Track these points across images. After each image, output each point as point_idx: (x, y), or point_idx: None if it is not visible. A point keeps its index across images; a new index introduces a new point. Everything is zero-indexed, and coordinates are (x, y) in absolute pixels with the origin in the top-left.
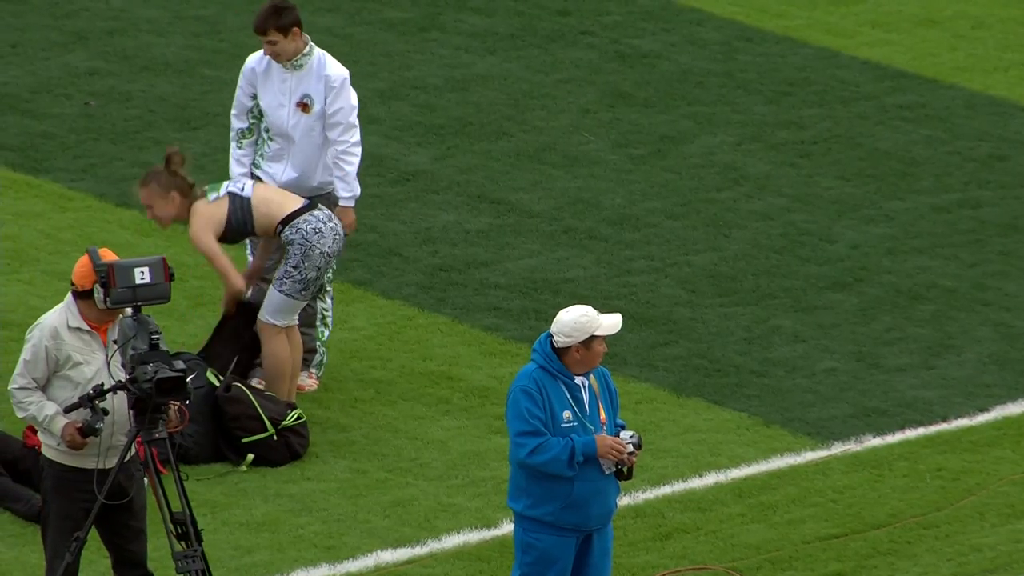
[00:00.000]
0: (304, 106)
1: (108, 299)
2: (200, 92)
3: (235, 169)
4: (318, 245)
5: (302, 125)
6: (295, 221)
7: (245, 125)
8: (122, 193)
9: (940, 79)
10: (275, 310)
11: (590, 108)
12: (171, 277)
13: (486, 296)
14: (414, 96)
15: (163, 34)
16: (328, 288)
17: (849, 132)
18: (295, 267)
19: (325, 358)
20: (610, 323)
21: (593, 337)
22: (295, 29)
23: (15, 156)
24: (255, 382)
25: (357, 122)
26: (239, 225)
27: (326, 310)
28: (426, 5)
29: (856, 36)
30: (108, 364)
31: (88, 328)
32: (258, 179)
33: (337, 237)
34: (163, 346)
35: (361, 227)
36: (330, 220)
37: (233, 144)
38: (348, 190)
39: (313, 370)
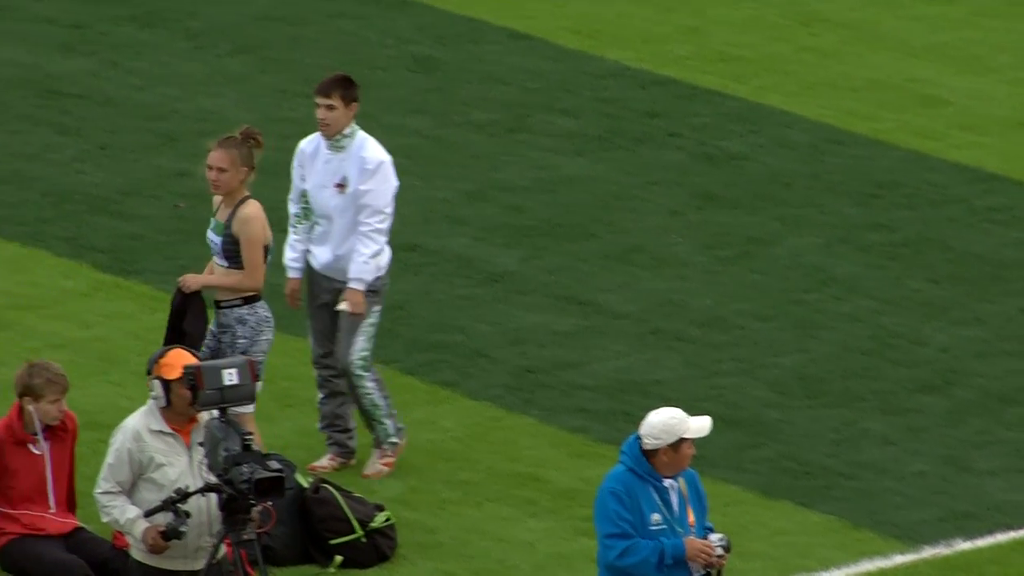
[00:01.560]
0: (341, 187)
1: (196, 401)
2: (287, 195)
3: (288, 254)
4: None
5: (340, 206)
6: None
7: (298, 209)
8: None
9: None
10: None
11: (678, 209)
12: (257, 378)
13: (573, 397)
14: (502, 197)
15: None
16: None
17: (939, 235)
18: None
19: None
20: (698, 426)
21: (682, 439)
22: (354, 104)
23: (105, 258)
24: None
25: (389, 210)
26: None
27: (373, 390)
28: (514, 107)
29: (945, 139)
30: (195, 466)
31: (170, 431)
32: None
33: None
34: (255, 447)
35: (448, 328)
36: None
37: (290, 230)
38: (357, 272)
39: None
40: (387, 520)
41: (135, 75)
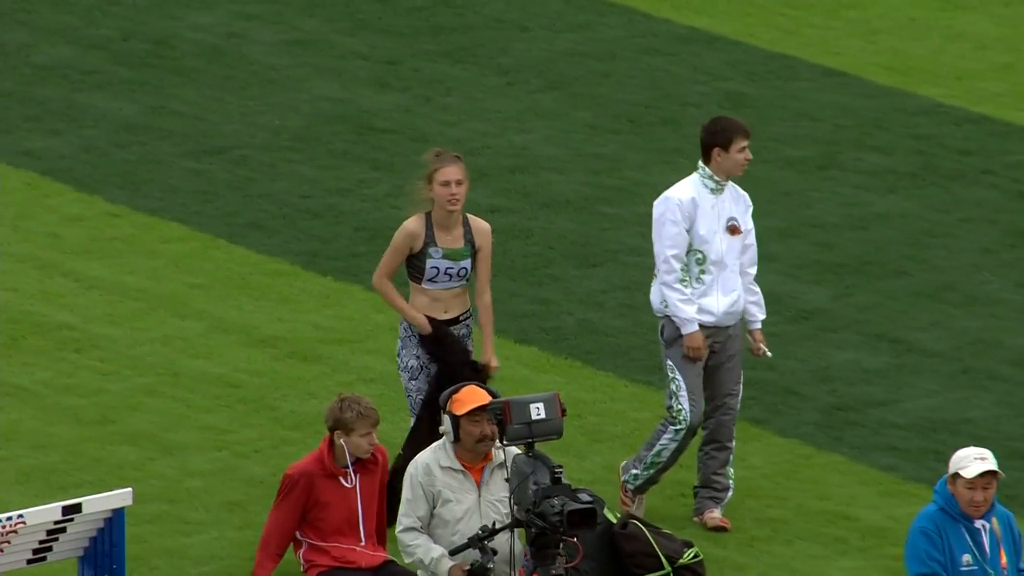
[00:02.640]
0: (734, 228)
1: (504, 435)
2: (599, 229)
3: (688, 310)
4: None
5: (734, 249)
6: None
7: (684, 263)
8: (520, 329)
9: None
10: None
11: (991, 247)
12: (564, 413)
13: (884, 436)
14: (813, 234)
15: (563, 171)
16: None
17: None
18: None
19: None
20: (974, 469)
21: (957, 475)
22: None
23: None
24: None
25: None
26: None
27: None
28: (825, 143)
29: None
30: (483, 505)
31: (461, 467)
32: None
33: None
34: (565, 480)
35: (758, 364)
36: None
37: (679, 287)
38: (763, 311)
39: (722, 507)
40: (695, 557)
41: (447, 111)
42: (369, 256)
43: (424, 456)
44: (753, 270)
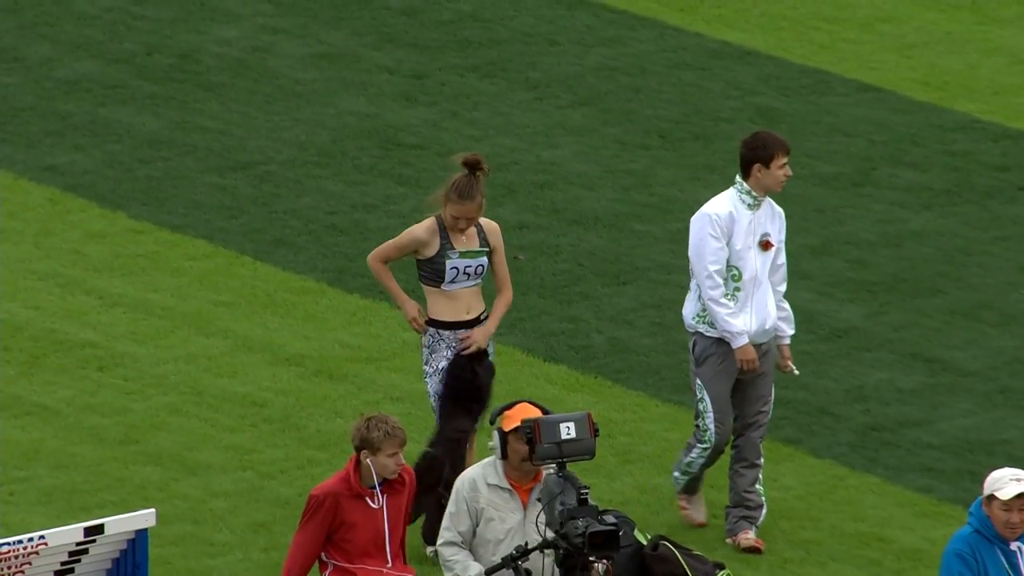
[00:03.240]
0: (766, 244)
1: (534, 455)
2: (630, 246)
3: (737, 323)
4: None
5: (767, 265)
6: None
7: (725, 278)
8: (549, 348)
9: None
10: None
11: None
12: (596, 433)
13: (919, 456)
14: (846, 252)
15: (592, 187)
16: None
17: None
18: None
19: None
20: (1010, 490)
21: (992, 497)
22: None
23: None
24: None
25: None
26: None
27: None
28: (859, 160)
29: None
30: (528, 525)
31: (508, 486)
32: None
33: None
34: (591, 501)
35: (791, 384)
36: None
37: (724, 300)
38: (792, 327)
39: (757, 527)
40: None
41: (474, 126)
42: (395, 272)
43: (472, 471)
44: (783, 287)
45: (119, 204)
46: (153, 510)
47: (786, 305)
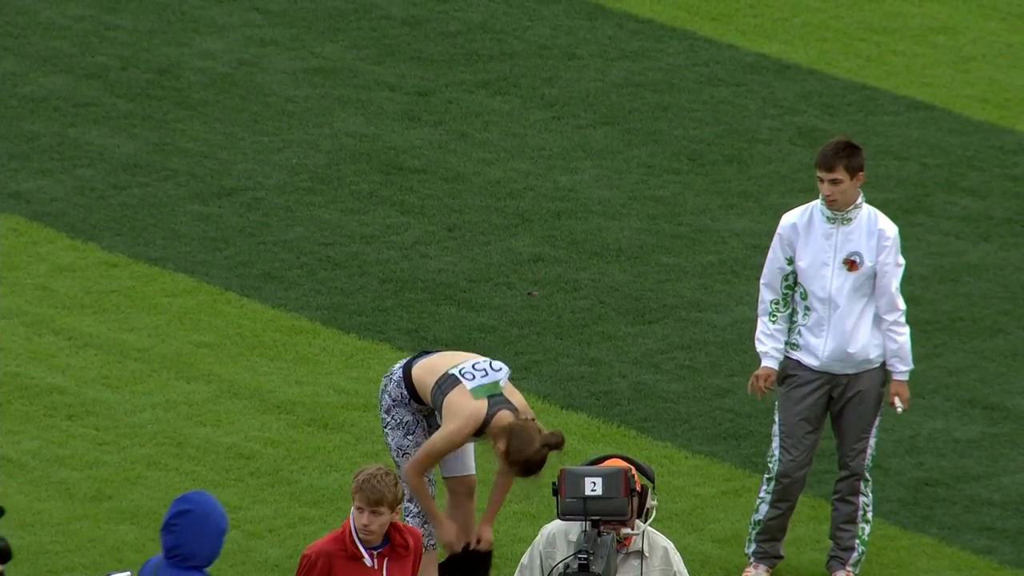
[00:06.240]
0: (852, 263)
1: (559, 508)
2: (656, 281)
3: (766, 344)
4: None
5: (848, 287)
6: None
7: (778, 296)
8: (568, 394)
9: None
10: None
11: None
12: (630, 492)
13: (978, 514)
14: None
15: (616, 216)
16: (868, 478)
17: None
18: None
19: (863, 556)
20: None
21: None
22: (861, 174)
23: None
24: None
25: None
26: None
27: (867, 505)
28: (912, 185)
29: None
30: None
31: None
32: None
33: None
34: (594, 568)
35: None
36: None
37: (764, 319)
38: (905, 363)
39: (850, 568)
40: None
41: (485, 148)
42: (397, 311)
43: (554, 525)
44: (891, 316)
45: (91, 235)
46: (128, 573)
47: (896, 338)
